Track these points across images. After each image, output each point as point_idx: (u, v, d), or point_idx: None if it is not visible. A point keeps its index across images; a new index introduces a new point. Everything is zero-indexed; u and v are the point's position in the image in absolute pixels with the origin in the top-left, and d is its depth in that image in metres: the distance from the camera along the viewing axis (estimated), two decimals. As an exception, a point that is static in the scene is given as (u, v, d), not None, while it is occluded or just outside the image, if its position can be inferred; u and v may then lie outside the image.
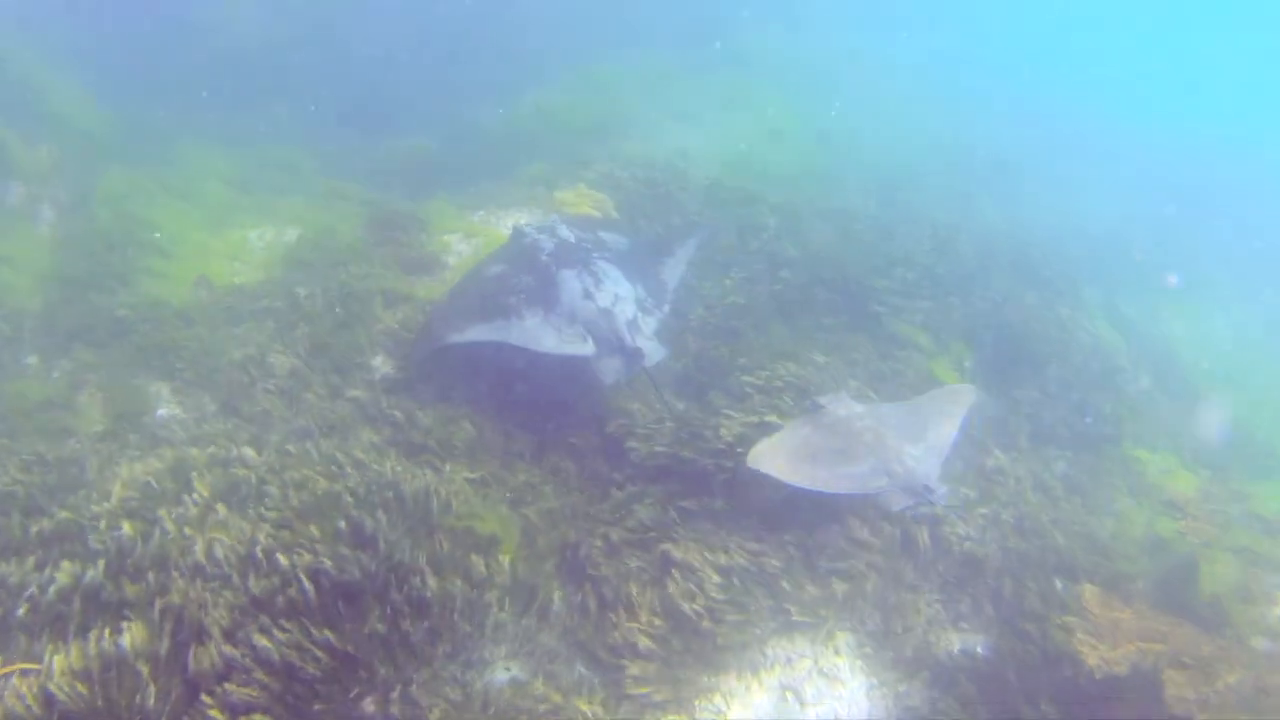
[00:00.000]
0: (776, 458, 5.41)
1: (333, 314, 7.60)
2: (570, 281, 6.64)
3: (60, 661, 4.41)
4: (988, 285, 9.44)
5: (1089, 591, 5.59)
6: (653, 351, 6.48)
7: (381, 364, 7.43)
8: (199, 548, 4.84)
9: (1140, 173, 16.14)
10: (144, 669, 4.38)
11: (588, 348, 6.34)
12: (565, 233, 7.31)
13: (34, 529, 5.19)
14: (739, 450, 5.96)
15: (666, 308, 7.00)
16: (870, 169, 13.30)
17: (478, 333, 6.44)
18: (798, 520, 6.03)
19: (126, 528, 5.08)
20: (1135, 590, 5.77)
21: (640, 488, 6.41)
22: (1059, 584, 5.84)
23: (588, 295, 6.58)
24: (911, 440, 5.42)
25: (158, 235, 8.58)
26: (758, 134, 13.25)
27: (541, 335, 6.35)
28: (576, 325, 6.44)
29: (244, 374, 7.23)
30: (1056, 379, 8.32)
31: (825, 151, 13.58)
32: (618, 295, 6.68)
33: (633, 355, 6.34)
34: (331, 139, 11.99)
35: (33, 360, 7.62)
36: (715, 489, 6.21)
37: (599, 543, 6.08)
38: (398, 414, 6.87)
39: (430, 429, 6.71)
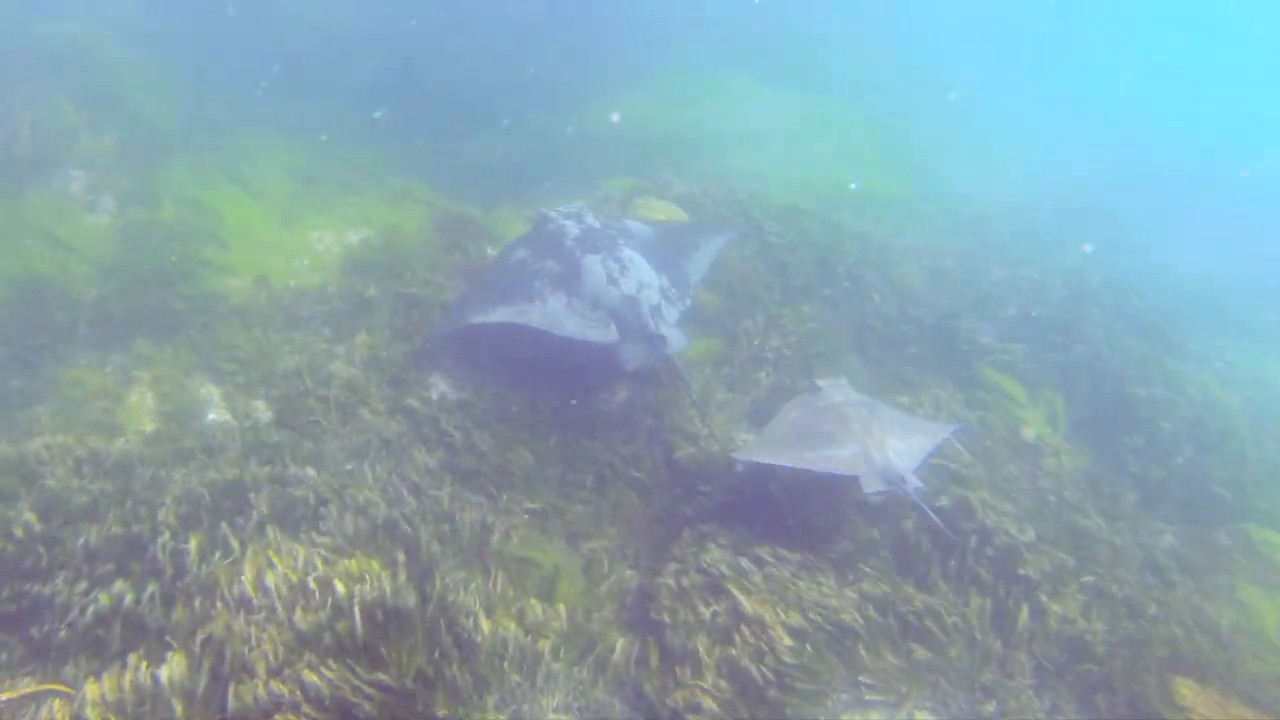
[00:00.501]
0: (762, 447, 5.70)
1: (393, 325, 7.35)
2: (595, 267, 6.64)
3: (94, 690, 4.19)
4: (1085, 331, 8.87)
5: (1214, 695, 5.03)
6: (676, 339, 6.48)
7: (439, 380, 7.17)
8: (248, 575, 4.59)
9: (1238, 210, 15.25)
10: (179, 706, 4.13)
11: (611, 334, 6.36)
12: (591, 219, 7.27)
13: (80, 541, 4.98)
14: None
15: (689, 300, 7.02)
16: (959, 202, 12.75)
17: (500, 314, 6.47)
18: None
19: (193, 545, 4.85)
20: (1268, 696, 5.20)
21: (712, 527, 6.08)
22: (1177, 681, 5.29)
23: (612, 281, 6.59)
24: (896, 435, 5.65)
25: (218, 227, 8.44)
26: (838, 156, 12.81)
27: (564, 319, 6.39)
28: (600, 311, 6.47)
29: (299, 382, 7.02)
30: (1165, 439, 7.73)
31: (909, 178, 13.08)
32: (642, 282, 6.68)
33: (656, 342, 6.35)
34: (403, 138, 11.81)
35: (87, 351, 7.49)
36: (792, 530, 5.90)
37: (668, 583, 5.71)
38: (455, 435, 6.59)
39: (487, 453, 6.44)
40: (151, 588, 4.72)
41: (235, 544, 4.96)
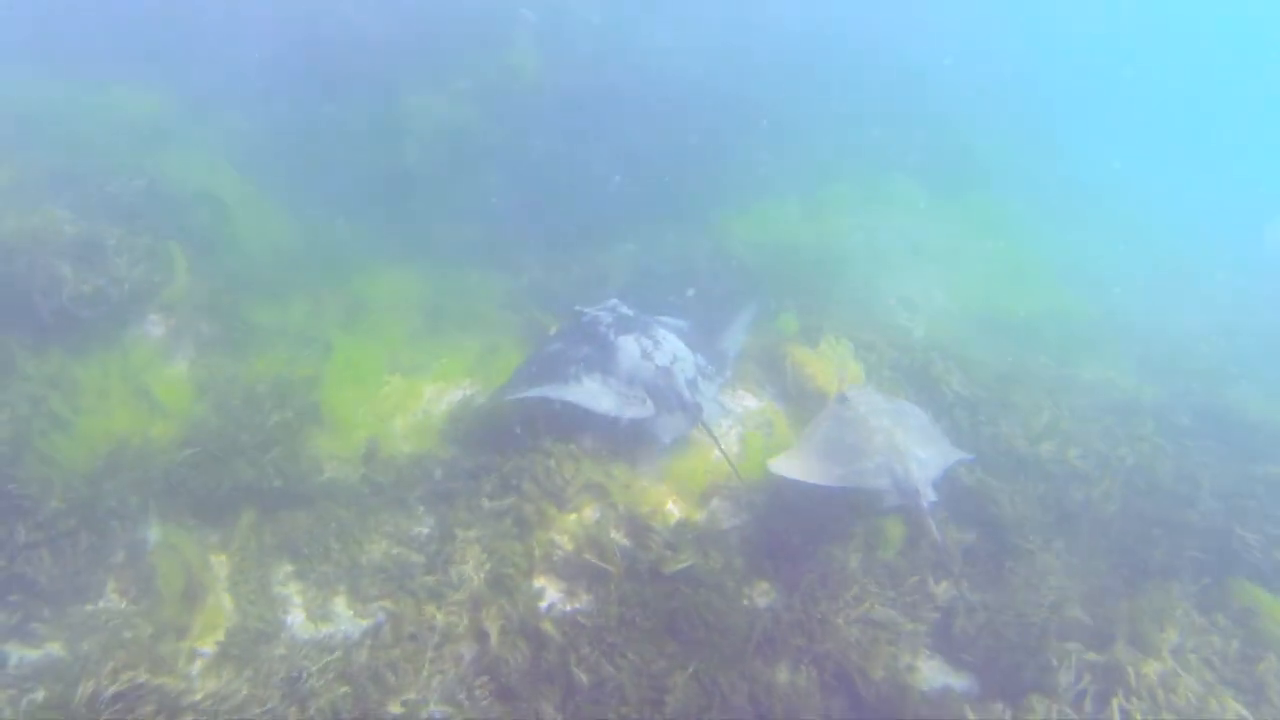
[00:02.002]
0: (794, 461, 6.03)
1: (501, 521, 6.43)
2: (629, 345, 7.01)
3: None
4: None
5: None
6: (713, 411, 6.89)
7: (550, 586, 6.18)
8: None
9: None
10: None
11: (647, 410, 6.66)
12: (625, 310, 7.66)
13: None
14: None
15: (729, 373, 7.46)
16: (1141, 320, 11.25)
17: (537, 391, 6.74)
18: None
19: None
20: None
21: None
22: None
23: (646, 356, 6.94)
24: (920, 444, 6.01)
25: (317, 380, 7.84)
26: (998, 269, 11.53)
27: (600, 397, 6.68)
28: (636, 387, 6.78)
29: (385, 579, 6.28)
30: None
31: (1081, 291, 11.68)
32: (676, 356, 7.04)
33: (692, 410, 6.67)
34: (529, 249, 11.16)
35: (154, 533, 6.83)
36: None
37: None
38: (583, 677, 5.54)
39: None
40: None
41: None
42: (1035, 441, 7.46)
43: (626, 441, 6.88)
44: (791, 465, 5.97)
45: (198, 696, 5.57)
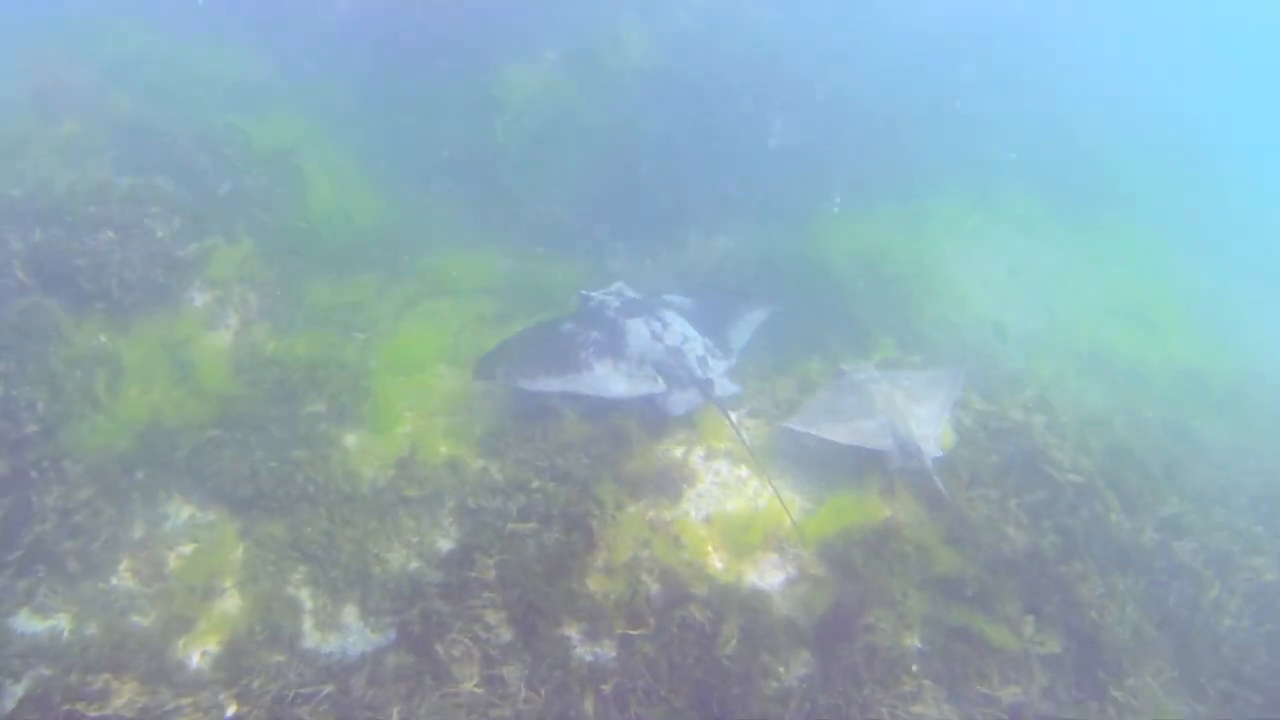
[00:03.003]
0: (801, 419, 6.42)
1: (523, 547, 6.04)
2: (638, 328, 7.24)
3: None
4: None
5: None
6: (724, 386, 7.08)
7: (579, 634, 5.76)
8: None
9: None
10: None
11: (658, 385, 6.93)
12: (631, 293, 7.98)
13: None
14: None
15: (735, 359, 7.57)
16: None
17: (549, 384, 6.91)
18: None
19: None
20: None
21: None
22: None
23: (656, 337, 7.18)
24: (919, 401, 6.34)
25: (364, 366, 7.67)
26: (1120, 304, 10.46)
27: (611, 383, 6.92)
28: (646, 366, 7.03)
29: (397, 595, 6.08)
30: None
31: (1227, 340, 10.48)
32: (686, 336, 7.31)
33: (704, 385, 6.92)
34: (617, 240, 10.81)
35: (179, 512, 6.74)
36: None
37: None
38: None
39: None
40: None
41: None
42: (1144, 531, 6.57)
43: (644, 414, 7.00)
44: (800, 422, 6.39)
45: (185, 701, 5.42)
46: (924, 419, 6.18)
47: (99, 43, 11.35)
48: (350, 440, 7.24)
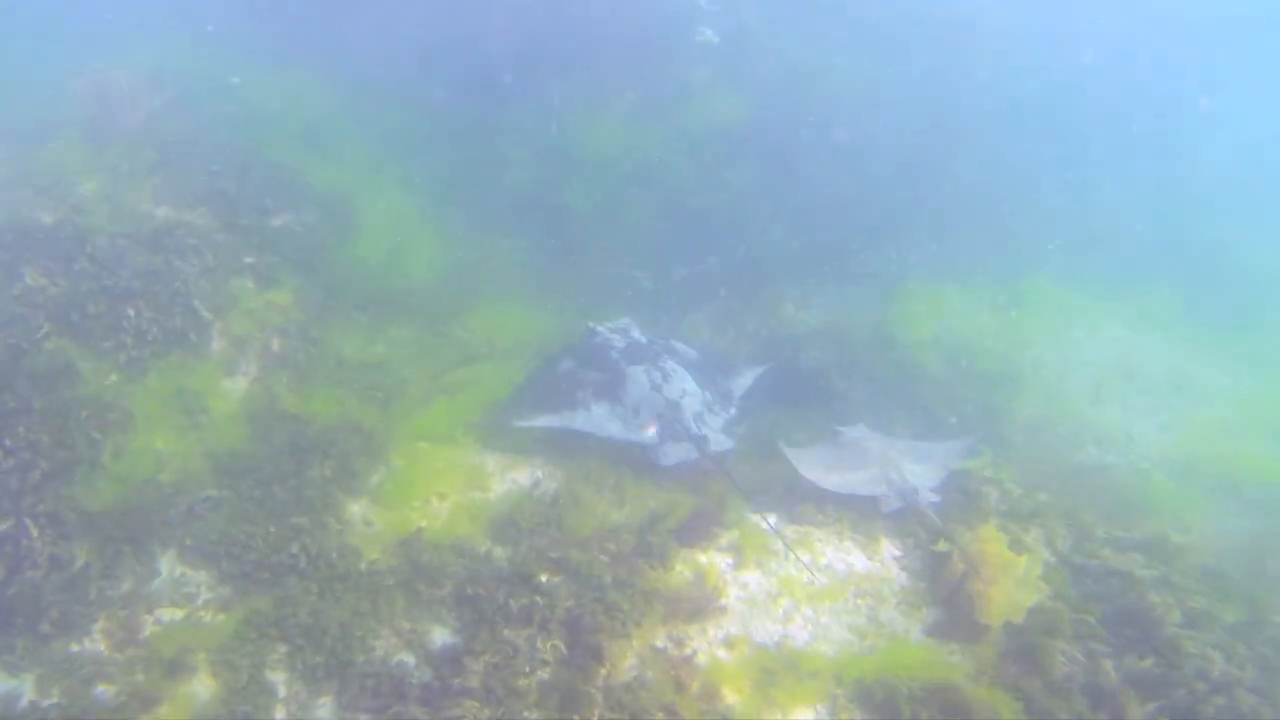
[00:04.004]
0: (801, 463, 6.67)
1: (515, 658, 5.48)
2: (638, 377, 7.44)
3: None
4: None
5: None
6: (719, 441, 7.19)
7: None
8: None
9: None
10: None
11: (652, 436, 7.08)
12: (637, 334, 8.17)
13: None
14: None
15: (733, 410, 7.77)
16: None
17: (545, 420, 7.22)
18: None
19: None
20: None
21: None
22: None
23: (655, 388, 7.36)
24: (912, 459, 6.74)
25: (378, 429, 7.30)
26: (1246, 417, 9.23)
27: (607, 424, 7.15)
28: (644, 415, 7.19)
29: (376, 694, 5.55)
30: None
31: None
32: (685, 390, 7.47)
33: (698, 441, 7.01)
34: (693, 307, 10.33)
35: (170, 570, 6.44)
36: None
37: None
38: None
39: None
40: None
41: None
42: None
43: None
44: (798, 461, 6.56)
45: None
46: (918, 474, 6.45)
47: (167, 64, 11.47)
48: (355, 510, 6.84)
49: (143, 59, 10.96)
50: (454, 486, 7.00)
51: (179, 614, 6.20)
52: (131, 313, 7.16)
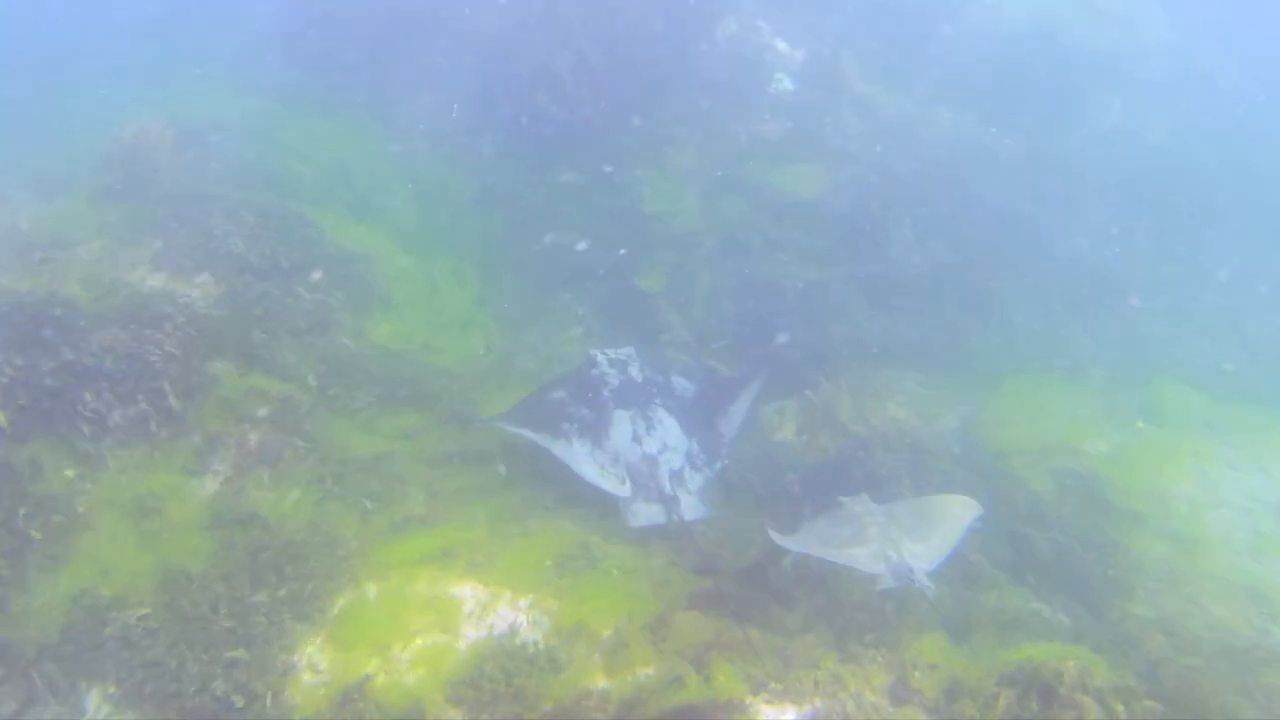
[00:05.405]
0: (795, 539, 6.43)
1: None
2: (623, 423, 7.56)
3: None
4: None
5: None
6: (692, 507, 7.22)
7: None
8: None
9: None
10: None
11: (624, 490, 7.18)
12: (635, 371, 8.14)
13: None
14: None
15: (719, 465, 7.73)
16: None
17: (530, 435, 7.40)
18: None
19: None
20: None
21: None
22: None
23: (636, 439, 7.48)
24: (915, 539, 6.34)
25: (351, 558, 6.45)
26: None
27: (584, 464, 7.29)
28: (619, 466, 7.32)
29: None
30: None
31: None
32: (666, 444, 7.55)
33: (669, 502, 7.07)
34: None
35: (97, 709, 5.73)
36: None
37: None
38: None
39: None
40: None
41: None
42: None
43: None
44: (795, 543, 6.38)
45: None
46: (917, 554, 6.23)
47: (206, 113, 11.15)
48: (308, 647, 5.92)
49: (186, 110, 10.71)
50: (427, 626, 6.01)
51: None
52: (89, 396, 6.53)
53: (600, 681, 5.44)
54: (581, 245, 10.28)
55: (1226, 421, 8.41)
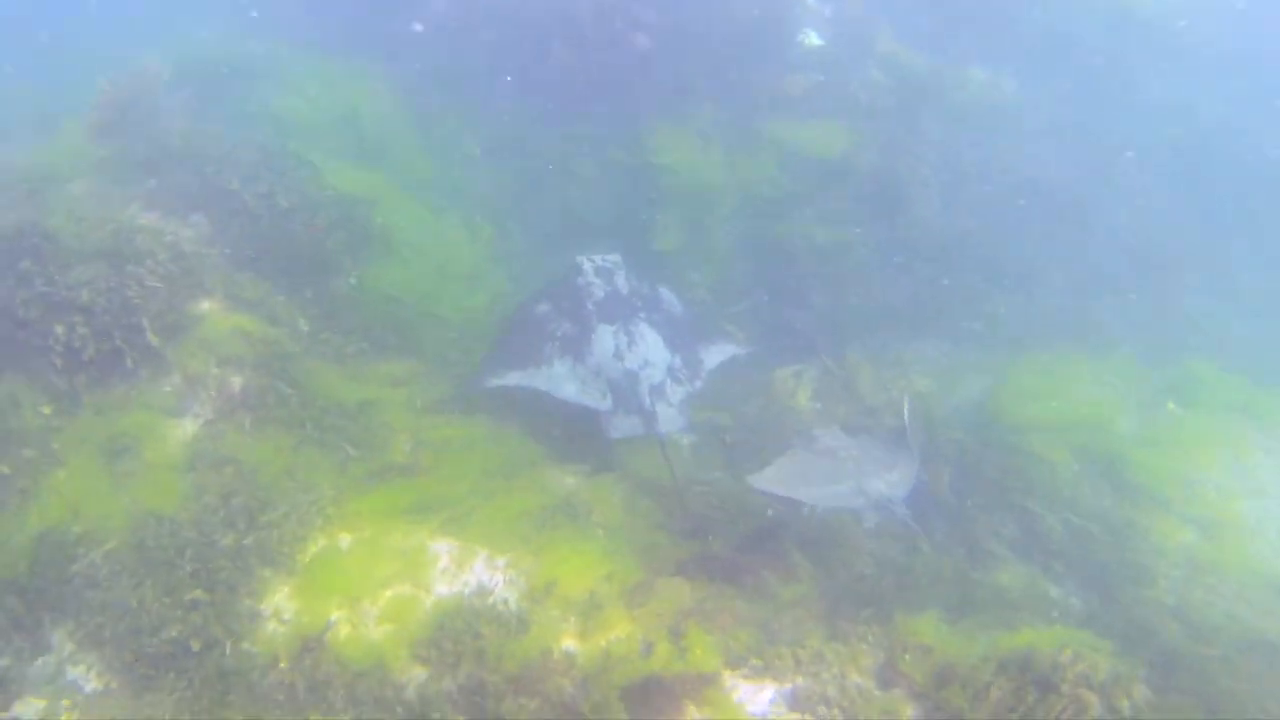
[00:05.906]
0: (776, 478, 6.54)
1: None
2: (605, 338, 7.62)
3: None
4: None
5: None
6: (670, 419, 7.37)
7: None
8: None
9: None
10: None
11: (605, 403, 7.36)
12: (621, 282, 8.13)
13: None
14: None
15: (699, 383, 7.82)
16: None
17: (512, 378, 7.49)
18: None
19: None
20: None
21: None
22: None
23: (618, 355, 7.54)
24: (887, 467, 6.65)
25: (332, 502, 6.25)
26: None
27: (565, 384, 7.44)
28: (600, 380, 7.45)
29: None
30: None
31: None
32: (648, 360, 7.60)
33: (648, 417, 7.20)
34: None
35: (61, 647, 5.58)
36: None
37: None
38: None
39: None
40: None
41: None
42: None
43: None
44: (771, 482, 6.44)
45: None
46: (892, 482, 6.50)
47: (200, 52, 10.93)
48: (276, 595, 5.75)
49: (179, 48, 10.49)
50: (396, 576, 5.82)
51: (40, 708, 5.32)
52: (59, 330, 6.35)
53: (569, 644, 5.20)
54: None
55: (1265, 407, 7.94)
